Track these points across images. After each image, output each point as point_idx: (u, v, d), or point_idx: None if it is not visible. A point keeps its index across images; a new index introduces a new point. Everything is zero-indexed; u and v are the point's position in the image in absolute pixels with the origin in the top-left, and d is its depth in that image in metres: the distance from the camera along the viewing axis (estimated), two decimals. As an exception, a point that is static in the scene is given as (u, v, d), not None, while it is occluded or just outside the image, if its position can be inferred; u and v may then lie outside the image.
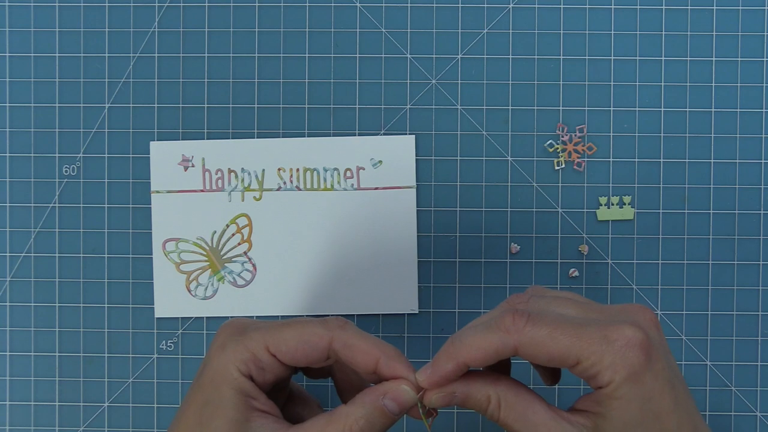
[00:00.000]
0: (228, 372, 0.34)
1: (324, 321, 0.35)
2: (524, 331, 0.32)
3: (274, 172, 0.48)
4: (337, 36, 0.49)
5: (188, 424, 0.35)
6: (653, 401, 0.32)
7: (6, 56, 0.49)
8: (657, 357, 0.32)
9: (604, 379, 0.32)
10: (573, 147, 0.48)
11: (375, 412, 0.34)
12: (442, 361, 0.34)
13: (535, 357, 0.32)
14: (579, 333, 0.32)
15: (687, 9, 0.48)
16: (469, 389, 0.34)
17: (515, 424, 0.33)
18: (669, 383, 0.32)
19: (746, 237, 0.48)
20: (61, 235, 0.49)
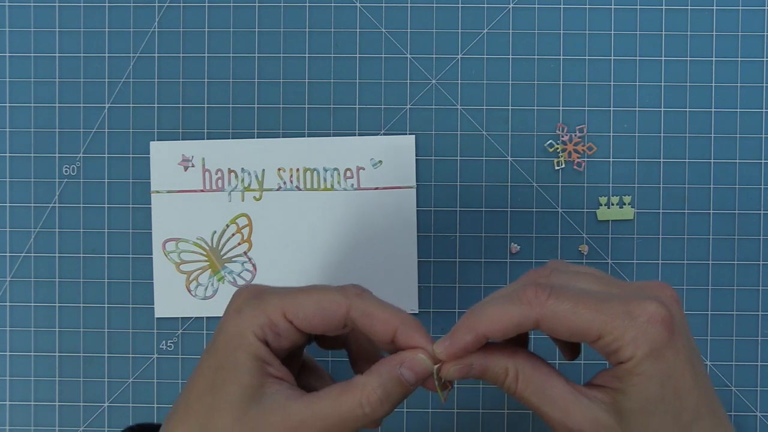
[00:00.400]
0: (243, 336, 0.33)
1: (342, 288, 0.35)
2: (546, 305, 0.31)
3: (274, 172, 0.48)
4: (337, 36, 0.49)
5: (200, 388, 0.34)
6: (674, 378, 0.31)
7: (6, 56, 0.49)
8: (678, 334, 0.32)
9: (625, 355, 0.31)
10: (573, 147, 0.48)
11: (391, 381, 0.33)
12: (461, 333, 0.33)
13: (557, 331, 0.32)
14: (601, 308, 0.31)
15: (687, 9, 0.48)
16: (486, 361, 0.33)
17: (532, 397, 0.33)
18: (689, 361, 0.32)
19: (746, 237, 0.48)
20: (61, 235, 0.49)
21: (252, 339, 0.33)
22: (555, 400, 0.32)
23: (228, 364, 0.33)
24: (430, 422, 0.48)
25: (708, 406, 0.32)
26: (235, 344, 0.34)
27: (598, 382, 0.33)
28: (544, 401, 0.33)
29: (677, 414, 0.32)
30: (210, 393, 0.34)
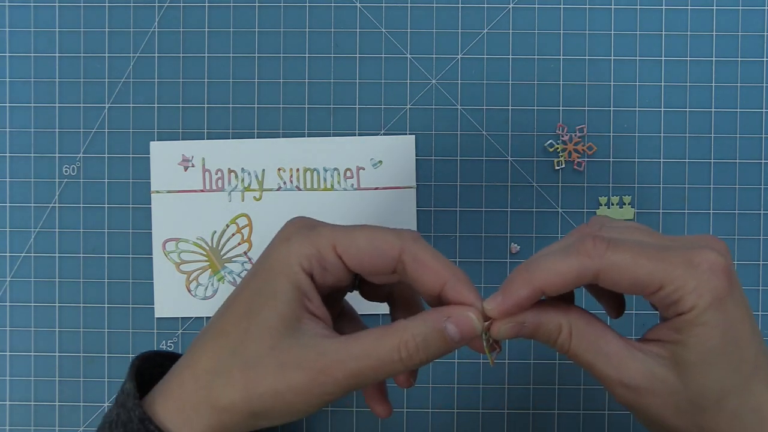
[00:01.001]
0: (289, 264, 0.33)
1: (397, 230, 0.33)
2: (606, 256, 0.30)
3: (274, 172, 0.48)
4: (337, 36, 0.49)
5: (236, 312, 0.33)
6: (735, 329, 0.30)
7: (6, 56, 0.49)
8: (737, 284, 0.31)
9: (687, 305, 0.30)
10: (573, 147, 0.48)
11: (434, 333, 0.32)
12: (516, 287, 0.31)
13: (617, 282, 0.31)
14: (662, 257, 0.30)
15: (687, 9, 0.48)
16: (540, 318, 0.32)
17: (586, 354, 0.32)
18: (747, 311, 0.31)
19: (746, 237, 0.48)
20: (61, 235, 0.49)
21: (297, 268, 0.33)
22: (609, 356, 0.31)
23: (268, 290, 0.33)
24: (430, 422, 0.48)
25: (765, 358, 0.32)
26: (278, 270, 0.33)
27: (653, 336, 0.32)
28: (598, 358, 0.32)
29: (738, 365, 0.31)
30: (247, 317, 0.33)
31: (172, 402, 0.33)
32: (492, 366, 0.34)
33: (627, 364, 0.31)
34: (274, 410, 0.32)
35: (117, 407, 0.34)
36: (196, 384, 0.33)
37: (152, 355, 0.37)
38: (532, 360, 0.48)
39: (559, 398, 0.48)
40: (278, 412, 0.32)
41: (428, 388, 0.48)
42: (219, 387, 0.32)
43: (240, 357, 0.32)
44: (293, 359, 0.32)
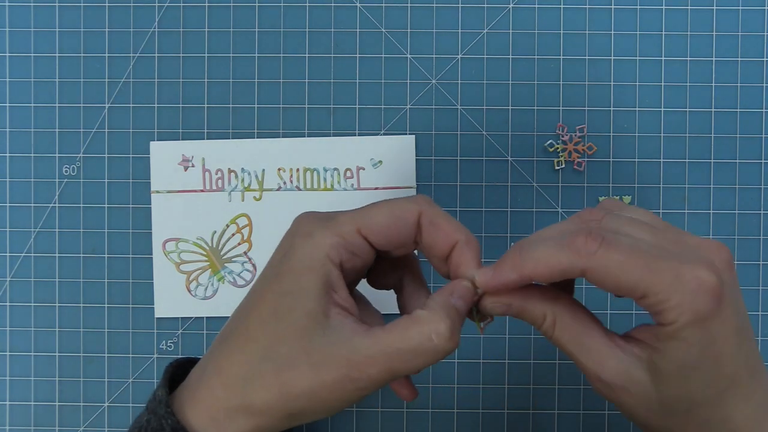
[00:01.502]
0: (317, 258, 0.33)
1: (411, 197, 0.35)
2: (595, 257, 0.30)
3: (274, 172, 0.48)
4: (337, 36, 0.49)
5: (263, 315, 0.33)
6: (716, 346, 0.30)
7: (6, 56, 0.49)
8: (727, 303, 0.30)
9: (668, 318, 0.30)
10: (573, 147, 0.48)
11: (451, 311, 0.32)
12: (506, 270, 0.32)
13: (603, 284, 0.31)
14: (651, 266, 0.30)
15: (687, 9, 0.48)
16: (525, 304, 0.33)
17: (568, 345, 0.33)
18: (735, 329, 0.31)
19: (746, 237, 0.48)
20: (61, 235, 0.49)
21: (325, 261, 0.33)
22: (590, 351, 0.32)
23: (296, 290, 0.32)
24: (430, 422, 0.48)
25: (748, 371, 0.32)
26: (305, 267, 0.33)
27: (637, 335, 0.32)
28: (579, 350, 0.32)
29: (713, 380, 0.31)
30: (274, 319, 0.32)
31: (204, 410, 0.33)
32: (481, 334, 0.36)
33: (606, 361, 0.32)
34: (310, 409, 0.32)
35: (148, 413, 0.34)
36: (228, 391, 0.33)
37: (184, 362, 0.37)
38: (532, 360, 0.48)
39: (559, 398, 0.48)
40: (313, 410, 0.33)
41: (428, 388, 0.48)
42: (253, 392, 0.32)
43: (272, 361, 0.32)
44: (326, 358, 0.32)
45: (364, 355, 0.31)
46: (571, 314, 0.33)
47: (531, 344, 0.48)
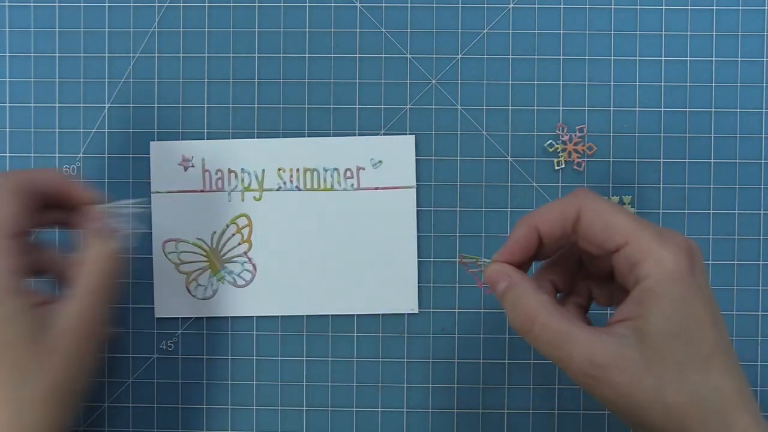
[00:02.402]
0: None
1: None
2: (589, 197, 0.35)
3: (274, 172, 0.48)
4: (337, 36, 0.49)
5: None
6: (695, 308, 0.33)
7: (6, 56, 0.49)
8: (700, 272, 0.33)
9: (646, 269, 0.33)
10: (573, 147, 0.48)
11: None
12: (516, 226, 0.37)
13: (592, 224, 0.34)
14: (637, 221, 0.34)
15: (687, 9, 0.48)
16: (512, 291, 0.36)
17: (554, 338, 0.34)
18: (711, 301, 0.33)
19: (746, 237, 0.48)
20: (61, 235, 0.49)
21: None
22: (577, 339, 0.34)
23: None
24: (430, 422, 0.48)
25: (725, 347, 0.33)
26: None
27: (618, 317, 0.34)
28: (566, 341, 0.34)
29: (698, 343, 0.33)
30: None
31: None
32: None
33: (595, 345, 0.33)
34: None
35: None
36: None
37: None
38: (532, 360, 0.48)
39: (559, 398, 0.48)
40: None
41: (428, 388, 0.48)
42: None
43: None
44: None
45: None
46: (555, 306, 0.35)
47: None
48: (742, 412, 0.33)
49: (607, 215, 0.34)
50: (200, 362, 0.49)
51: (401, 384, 0.48)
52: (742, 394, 0.33)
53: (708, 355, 0.33)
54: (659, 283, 0.33)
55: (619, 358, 0.33)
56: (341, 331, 0.48)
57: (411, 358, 0.48)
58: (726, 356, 0.33)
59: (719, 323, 0.34)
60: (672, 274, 0.32)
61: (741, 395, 0.33)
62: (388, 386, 0.48)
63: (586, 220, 0.35)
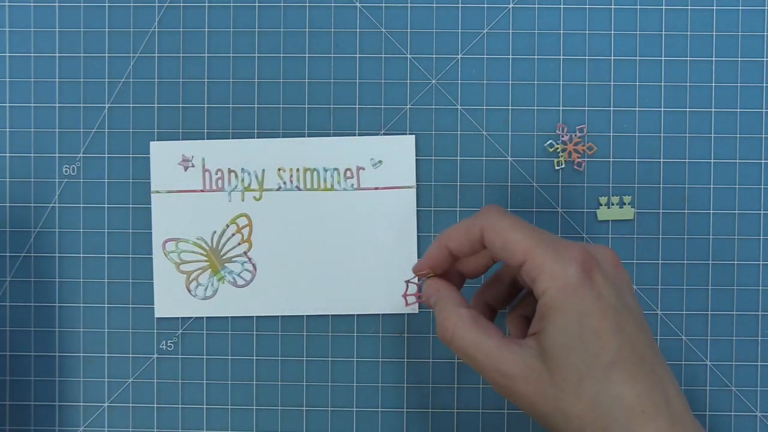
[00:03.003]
0: None
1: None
2: (492, 215, 0.37)
3: (274, 172, 0.48)
4: (337, 36, 0.49)
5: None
6: (592, 318, 0.33)
7: (6, 56, 0.49)
8: (601, 282, 0.34)
9: (543, 285, 0.34)
10: (573, 147, 0.48)
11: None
12: (430, 246, 0.40)
13: (493, 243, 0.36)
14: (535, 237, 0.35)
15: (687, 9, 0.48)
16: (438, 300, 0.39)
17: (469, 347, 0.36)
18: (614, 309, 0.34)
19: (746, 237, 0.48)
20: (61, 235, 0.49)
21: None
22: (489, 349, 0.36)
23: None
24: (430, 422, 0.48)
25: (633, 354, 0.33)
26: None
27: (531, 330, 0.36)
28: (478, 350, 0.36)
29: (597, 354, 0.33)
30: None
31: None
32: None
33: (504, 356, 0.35)
34: None
35: None
36: None
37: None
38: (532, 360, 0.48)
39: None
40: None
41: (428, 388, 0.48)
42: None
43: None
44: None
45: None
46: (472, 318, 0.37)
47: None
48: (647, 422, 0.32)
49: (505, 234, 0.35)
50: (200, 362, 0.49)
51: (401, 384, 0.48)
52: (651, 401, 0.33)
53: (608, 365, 0.33)
54: (553, 298, 0.34)
55: (525, 369, 0.34)
56: (341, 331, 0.48)
57: (411, 358, 0.48)
58: (633, 364, 0.33)
59: (627, 330, 0.34)
60: (565, 287, 0.34)
61: (650, 403, 0.33)
62: (388, 386, 0.48)
63: (488, 238, 0.36)
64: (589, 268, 0.34)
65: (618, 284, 0.35)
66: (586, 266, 0.34)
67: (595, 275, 0.34)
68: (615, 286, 0.35)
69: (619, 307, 0.34)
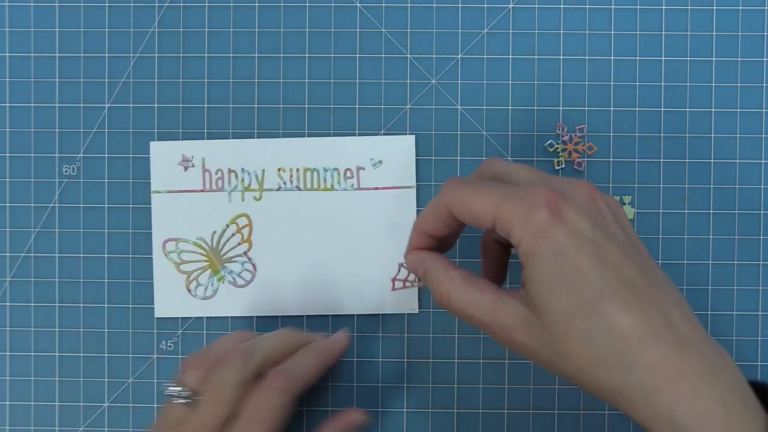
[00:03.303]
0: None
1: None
2: (451, 190, 0.36)
3: (274, 172, 0.48)
4: (337, 36, 0.49)
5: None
6: (568, 256, 0.33)
7: (6, 56, 0.49)
8: (573, 217, 0.33)
9: (515, 237, 0.34)
10: (573, 147, 0.48)
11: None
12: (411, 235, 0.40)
13: (461, 213, 0.36)
14: (498, 194, 0.35)
15: (687, 9, 0.48)
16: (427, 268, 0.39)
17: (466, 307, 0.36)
18: (591, 242, 0.33)
19: (746, 237, 0.48)
20: (61, 235, 0.49)
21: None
22: (484, 304, 0.36)
23: None
24: (430, 422, 0.48)
25: (620, 284, 0.33)
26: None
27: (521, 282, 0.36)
28: (475, 308, 0.36)
29: (578, 290, 0.32)
30: None
31: None
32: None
33: (499, 308, 0.35)
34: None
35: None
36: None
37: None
38: (532, 360, 0.48)
39: (559, 398, 0.48)
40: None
41: (428, 388, 0.48)
42: None
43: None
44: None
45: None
46: (463, 278, 0.37)
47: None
48: (646, 350, 0.32)
49: (468, 202, 0.35)
50: (200, 362, 0.49)
51: (401, 384, 0.48)
52: (649, 328, 0.32)
53: (594, 298, 0.32)
54: (527, 245, 0.33)
55: (519, 318, 0.34)
56: (341, 331, 0.48)
57: (411, 358, 0.48)
58: (621, 293, 0.32)
59: (611, 260, 0.33)
60: (534, 231, 0.33)
61: (647, 330, 0.32)
62: (388, 386, 0.48)
63: (456, 212, 0.36)
64: (557, 206, 0.33)
65: (596, 216, 0.34)
66: (552, 206, 0.33)
67: (566, 212, 0.33)
68: (591, 218, 0.34)
69: (598, 239, 0.33)
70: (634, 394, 0.32)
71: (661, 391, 0.31)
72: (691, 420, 0.31)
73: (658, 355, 0.31)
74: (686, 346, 0.32)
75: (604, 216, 0.35)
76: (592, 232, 0.33)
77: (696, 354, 0.32)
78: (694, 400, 0.31)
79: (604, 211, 0.35)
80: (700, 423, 0.31)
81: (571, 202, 0.34)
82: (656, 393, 0.31)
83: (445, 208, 0.37)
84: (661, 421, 0.32)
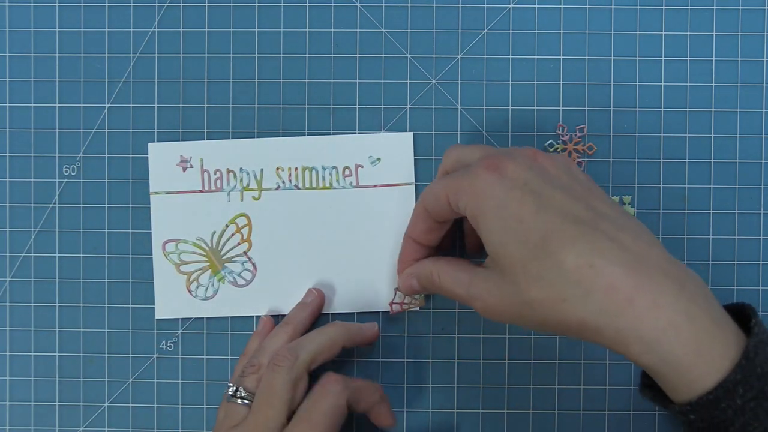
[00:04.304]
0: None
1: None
2: (423, 192, 0.41)
3: (272, 171, 0.48)
4: (337, 36, 0.49)
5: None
6: (510, 208, 0.34)
7: (6, 56, 0.49)
8: (513, 172, 0.35)
9: (462, 206, 0.37)
10: (573, 147, 0.48)
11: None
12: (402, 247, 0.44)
13: (435, 212, 0.40)
14: (449, 177, 0.38)
15: (687, 9, 0.48)
16: (417, 270, 0.42)
17: (452, 287, 0.39)
18: (533, 193, 0.34)
19: (746, 237, 0.48)
20: (61, 235, 0.49)
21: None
22: (463, 281, 0.38)
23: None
24: (430, 422, 0.48)
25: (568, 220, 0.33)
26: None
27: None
28: (458, 284, 0.39)
29: (525, 238, 0.34)
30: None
31: None
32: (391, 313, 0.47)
33: (475, 281, 0.37)
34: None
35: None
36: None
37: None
38: (532, 360, 0.48)
39: (559, 398, 0.48)
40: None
41: (428, 388, 0.48)
42: None
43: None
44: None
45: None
46: (448, 262, 0.40)
47: (531, 344, 0.48)
48: (598, 275, 0.32)
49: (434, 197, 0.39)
50: (200, 362, 0.49)
51: (401, 384, 0.48)
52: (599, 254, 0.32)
53: (539, 242, 0.33)
54: (471, 209, 0.36)
55: (488, 283, 0.36)
56: (341, 331, 0.48)
57: (411, 358, 0.48)
58: (565, 230, 0.33)
59: (554, 204, 0.34)
60: (477, 193, 0.35)
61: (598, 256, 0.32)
62: (388, 386, 0.48)
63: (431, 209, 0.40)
64: (495, 166, 0.35)
65: (537, 170, 0.35)
66: (490, 166, 0.35)
67: (504, 169, 0.35)
68: (534, 172, 0.35)
69: (538, 189, 0.35)
70: (599, 322, 0.32)
71: (623, 311, 0.32)
72: (657, 333, 0.31)
73: (611, 278, 0.32)
74: (641, 263, 0.32)
75: (546, 169, 0.36)
76: (532, 184, 0.35)
77: (653, 270, 0.32)
78: (658, 315, 0.32)
79: (547, 165, 0.36)
80: (666, 336, 0.31)
81: (510, 161, 0.35)
82: (618, 314, 0.32)
83: (424, 209, 0.40)
84: (631, 342, 0.32)
